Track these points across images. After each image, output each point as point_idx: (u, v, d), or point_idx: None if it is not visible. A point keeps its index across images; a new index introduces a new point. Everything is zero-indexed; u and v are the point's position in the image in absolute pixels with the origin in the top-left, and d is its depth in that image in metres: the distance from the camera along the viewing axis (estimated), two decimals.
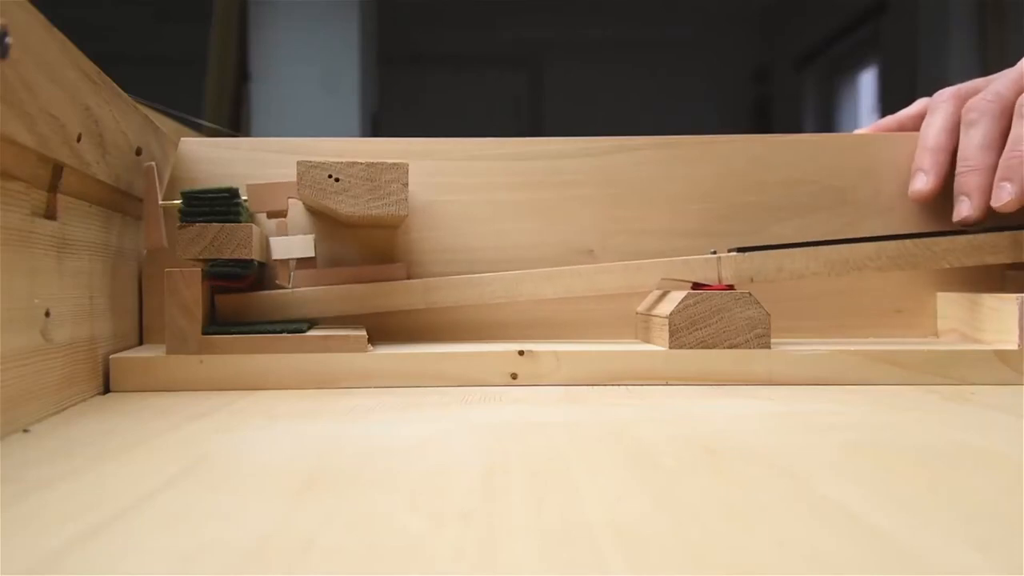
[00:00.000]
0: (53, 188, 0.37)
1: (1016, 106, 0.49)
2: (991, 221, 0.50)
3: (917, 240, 0.49)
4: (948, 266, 0.49)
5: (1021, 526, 0.20)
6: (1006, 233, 0.49)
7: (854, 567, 0.18)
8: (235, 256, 0.44)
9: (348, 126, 3.00)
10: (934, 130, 0.53)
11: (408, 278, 0.51)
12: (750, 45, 4.65)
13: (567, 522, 0.21)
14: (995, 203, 0.48)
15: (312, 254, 0.48)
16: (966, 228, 0.50)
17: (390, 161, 0.46)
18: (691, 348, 0.45)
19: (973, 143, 0.50)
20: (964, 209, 0.50)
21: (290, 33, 2.99)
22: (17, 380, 0.33)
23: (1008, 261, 0.49)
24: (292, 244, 0.48)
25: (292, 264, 0.48)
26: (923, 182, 0.52)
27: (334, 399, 0.40)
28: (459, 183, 0.54)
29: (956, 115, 0.52)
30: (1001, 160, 0.49)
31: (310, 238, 0.48)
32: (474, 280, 0.49)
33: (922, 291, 0.54)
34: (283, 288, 0.48)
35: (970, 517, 0.21)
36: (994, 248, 0.49)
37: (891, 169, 0.55)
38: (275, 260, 0.48)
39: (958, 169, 0.51)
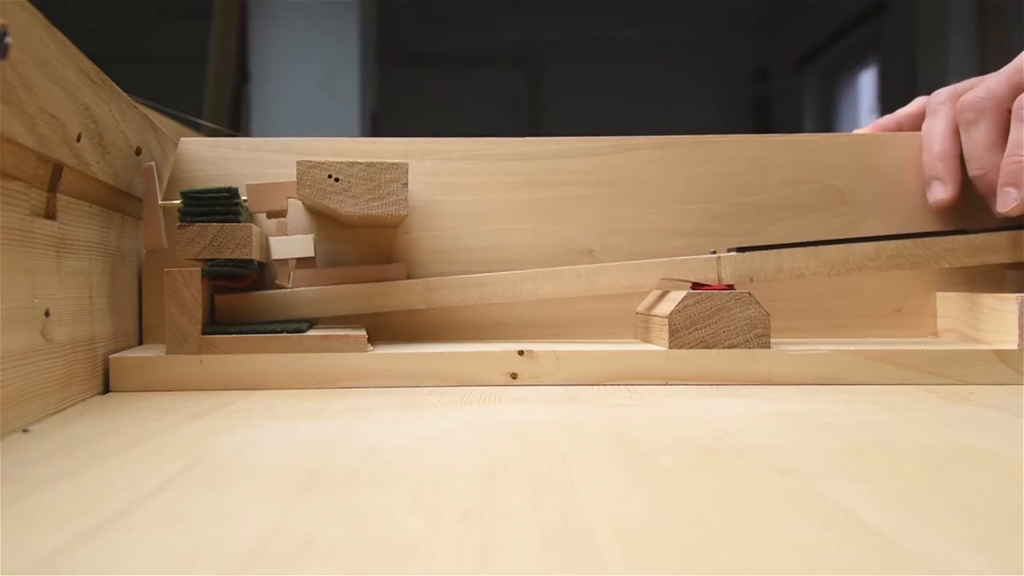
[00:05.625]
0: (53, 188, 0.37)
1: (1014, 108, 0.49)
2: (991, 221, 0.50)
3: (917, 240, 0.49)
4: (948, 266, 0.49)
5: (1021, 526, 0.20)
6: (1006, 233, 0.49)
7: (854, 567, 0.18)
8: (235, 256, 0.44)
9: (348, 126, 3.00)
10: (938, 135, 0.53)
11: (407, 278, 0.51)
12: (750, 45, 4.66)
13: (567, 522, 0.21)
14: (1001, 208, 0.48)
15: (312, 254, 0.48)
16: (965, 228, 0.50)
17: (390, 161, 0.46)
18: (691, 348, 0.45)
19: (978, 144, 0.50)
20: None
21: (290, 33, 2.99)
22: (17, 380, 0.33)
23: (1008, 261, 0.49)
24: (292, 244, 0.48)
25: (292, 264, 0.48)
26: (942, 191, 0.52)
27: (334, 399, 0.40)
28: (459, 183, 0.54)
29: (956, 117, 0.52)
30: (1002, 165, 0.49)
31: (309, 238, 0.48)
32: (474, 280, 0.49)
33: (921, 291, 0.54)
34: (283, 288, 0.48)
35: (970, 517, 0.21)
36: (994, 248, 0.49)
37: (891, 169, 0.55)
38: (275, 260, 0.48)
39: (971, 172, 0.51)
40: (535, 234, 0.54)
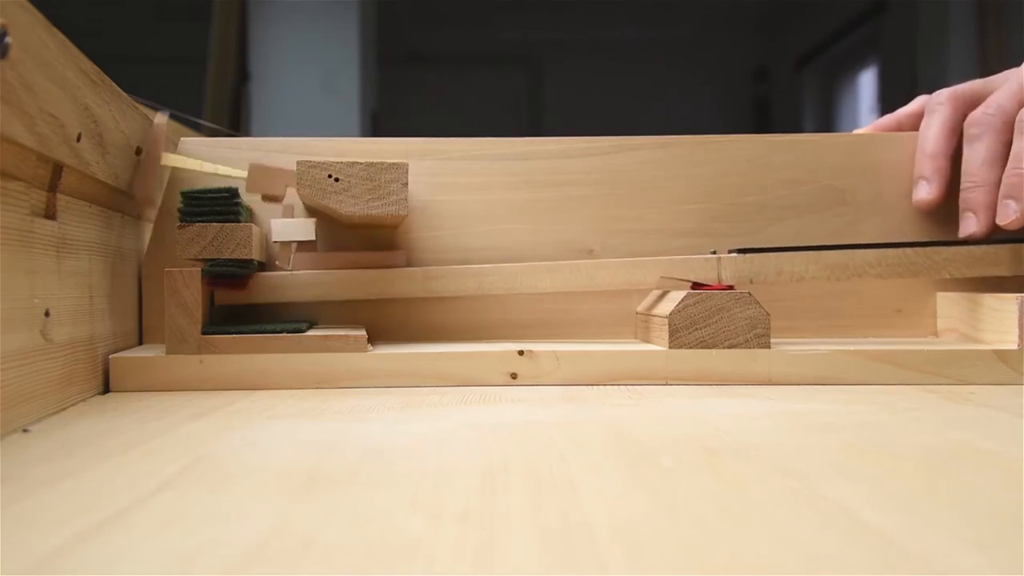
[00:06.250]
0: (53, 188, 0.37)
1: (1016, 122, 0.48)
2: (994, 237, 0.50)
3: (918, 249, 0.49)
4: (949, 276, 0.49)
5: (1021, 526, 0.20)
6: (1007, 246, 0.49)
7: (854, 567, 0.18)
8: (235, 256, 0.44)
9: (348, 126, 3.00)
10: (932, 134, 0.52)
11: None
12: (750, 45, 4.66)
13: (567, 522, 0.21)
14: (1000, 220, 0.48)
15: (312, 237, 0.48)
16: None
17: (390, 161, 0.46)
18: (691, 348, 0.45)
19: (977, 158, 0.50)
20: (971, 226, 0.50)
21: (290, 33, 2.99)
22: (17, 380, 0.33)
23: (1008, 274, 0.49)
24: (292, 227, 0.48)
25: (293, 248, 0.48)
26: (926, 191, 0.52)
27: (334, 399, 0.40)
28: (459, 183, 0.54)
29: (954, 118, 0.52)
30: (1004, 177, 0.49)
31: (311, 221, 0.48)
32: (473, 270, 0.49)
33: (922, 291, 0.54)
34: (283, 270, 0.48)
35: (970, 517, 0.21)
36: (995, 260, 0.49)
37: (891, 169, 0.55)
38: (275, 242, 0.48)
39: (963, 185, 0.51)
40: (535, 234, 0.54)
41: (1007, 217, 0.48)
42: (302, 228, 0.48)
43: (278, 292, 0.48)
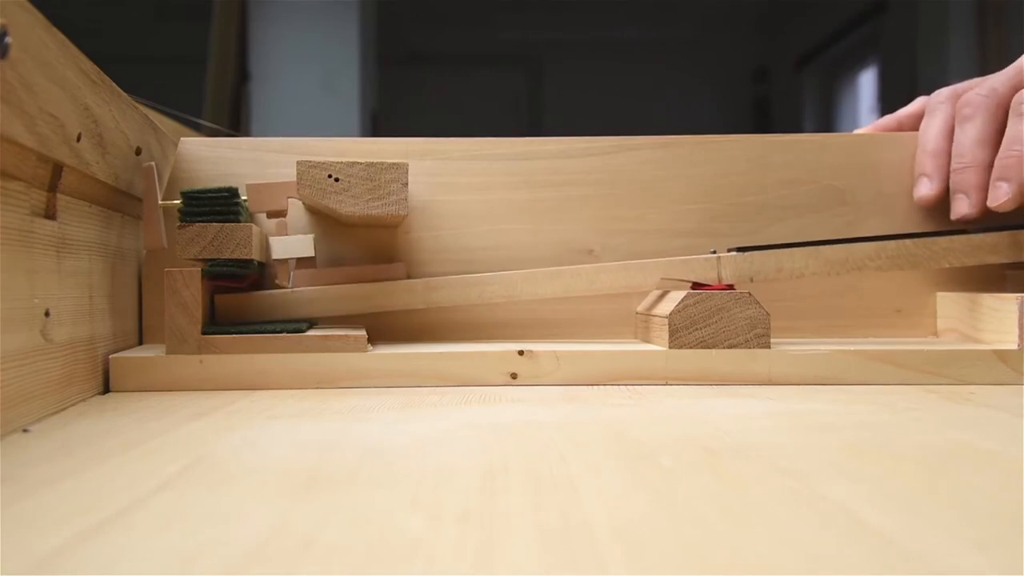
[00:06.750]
0: (53, 188, 0.37)
1: (1013, 104, 0.48)
2: (989, 219, 0.50)
3: (917, 240, 0.49)
4: (948, 265, 0.49)
5: (1021, 526, 0.20)
6: (1005, 232, 0.49)
7: (854, 567, 0.18)
8: (235, 256, 0.44)
9: (348, 126, 3.00)
10: (933, 133, 0.53)
11: (407, 277, 0.51)
12: (750, 45, 4.66)
13: (567, 522, 0.21)
14: (991, 203, 0.48)
15: (312, 254, 0.48)
16: (965, 227, 0.50)
17: (390, 161, 0.46)
18: (691, 348, 0.45)
19: (968, 139, 0.50)
20: (963, 207, 0.50)
21: (290, 33, 2.99)
22: (17, 380, 0.33)
23: (1007, 260, 0.49)
24: (292, 244, 0.48)
25: (292, 264, 0.48)
26: (928, 187, 0.52)
27: (334, 399, 0.40)
28: (459, 183, 0.54)
29: (954, 117, 0.52)
30: (997, 159, 0.49)
31: (309, 238, 0.48)
32: (474, 280, 0.49)
33: (921, 291, 0.54)
34: (283, 288, 0.48)
35: (970, 517, 0.21)
36: (994, 247, 0.49)
37: (891, 169, 0.55)
38: (275, 260, 0.48)
39: (953, 165, 0.51)
40: (535, 234, 0.54)
41: (998, 199, 0.48)
42: (301, 245, 0.48)
43: (279, 311, 0.48)
